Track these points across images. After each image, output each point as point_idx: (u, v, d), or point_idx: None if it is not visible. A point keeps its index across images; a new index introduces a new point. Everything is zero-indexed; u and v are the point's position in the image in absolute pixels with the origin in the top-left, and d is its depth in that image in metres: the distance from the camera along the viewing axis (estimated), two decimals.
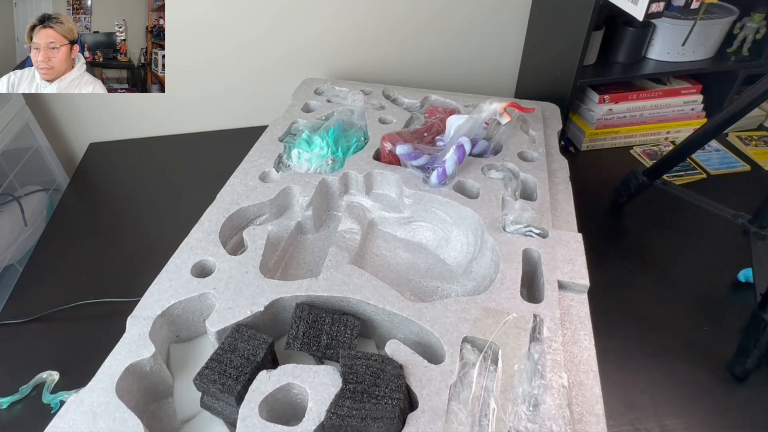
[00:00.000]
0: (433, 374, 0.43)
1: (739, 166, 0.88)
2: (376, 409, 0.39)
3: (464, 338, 0.45)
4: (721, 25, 0.85)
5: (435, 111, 0.79)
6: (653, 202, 0.79)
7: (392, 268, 0.61)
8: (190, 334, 0.52)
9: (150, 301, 0.49)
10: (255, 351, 0.44)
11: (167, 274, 0.52)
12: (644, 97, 0.93)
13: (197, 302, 0.50)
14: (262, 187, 0.64)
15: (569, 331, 0.48)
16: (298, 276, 0.60)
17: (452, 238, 0.63)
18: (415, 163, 0.65)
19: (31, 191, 0.87)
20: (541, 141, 0.73)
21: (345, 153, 0.70)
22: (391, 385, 0.41)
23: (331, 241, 0.61)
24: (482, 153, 0.70)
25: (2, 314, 0.65)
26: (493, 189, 0.63)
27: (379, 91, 0.86)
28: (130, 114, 1.01)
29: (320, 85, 0.88)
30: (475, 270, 0.58)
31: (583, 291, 0.52)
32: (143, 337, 0.46)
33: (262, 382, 0.42)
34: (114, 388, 0.42)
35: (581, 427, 0.41)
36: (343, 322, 0.48)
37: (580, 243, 0.55)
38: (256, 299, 0.49)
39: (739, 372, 0.56)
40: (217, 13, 0.91)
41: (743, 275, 0.67)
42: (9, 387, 0.56)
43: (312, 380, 0.42)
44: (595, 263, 0.55)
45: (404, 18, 0.97)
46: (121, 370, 0.43)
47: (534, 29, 0.99)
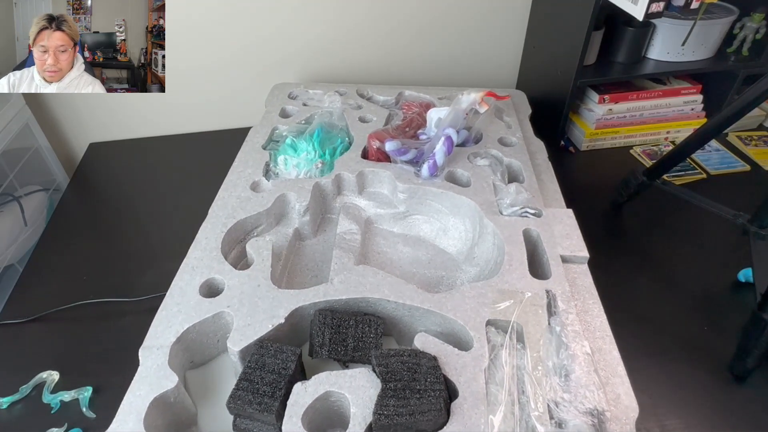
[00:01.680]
0: (466, 361, 0.44)
1: (739, 166, 0.88)
2: (421, 403, 0.40)
3: (487, 321, 0.47)
4: (721, 25, 0.85)
5: (411, 106, 0.80)
6: (653, 202, 0.79)
7: (395, 264, 0.62)
8: (204, 358, 0.51)
9: (160, 329, 0.47)
10: (285, 365, 0.43)
11: (172, 299, 0.50)
12: (644, 97, 0.93)
13: (212, 323, 0.49)
14: (255, 197, 0.63)
15: (579, 301, 0.51)
16: (304, 282, 0.59)
17: (449, 227, 0.64)
18: (405, 159, 0.66)
19: (31, 191, 0.87)
20: (517, 127, 0.77)
21: (332, 155, 0.70)
22: (430, 377, 0.42)
23: (331, 245, 0.61)
24: (464, 142, 0.72)
25: (2, 314, 0.65)
26: (483, 176, 0.65)
27: (353, 90, 0.86)
28: (130, 114, 1.01)
29: (293, 89, 0.88)
30: (478, 255, 0.60)
31: (583, 262, 0.55)
32: (163, 367, 0.43)
33: (299, 395, 0.41)
34: (142, 427, 0.40)
35: (610, 389, 0.44)
36: (367, 322, 0.48)
37: (573, 218, 0.59)
38: (275, 311, 0.48)
39: (739, 372, 0.56)
40: (220, 12, 0.91)
41: (743, 275, 0.67)
42: (9, 387, 0.56)
43: (350, 385, 0.42)
44: (594, 263, 0.55)
45: (405, 17, 0.97)
46: (146, 405, 0.41)
47: (534, 29, 0.99)
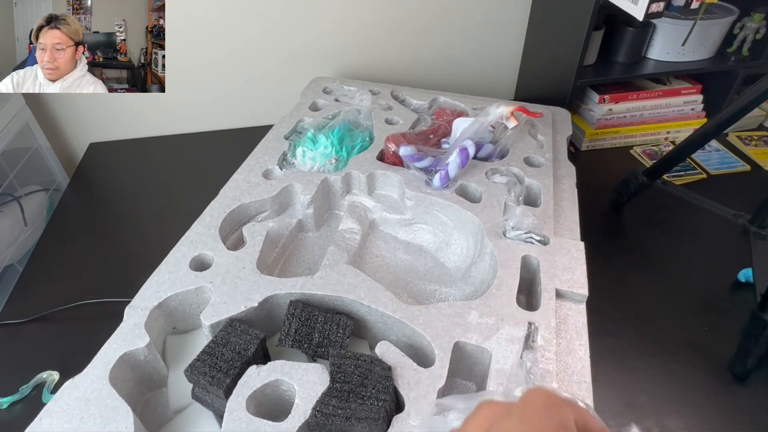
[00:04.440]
0: (422, 377, 0.42)
1: (739, 166, 0.88)
2: (362, 409, 0.39)
3: (455, 343, 0.45)
4: (721, 25, 0.85)
5: (443, 113, 0.78)
6: (653, 202, 0.79)
7: (391, 270, 0.61)
8: (187, 327, 0.53)
9: (148, 293, 0.50)
10: (246, 346, 0.45)
11: (167, 267, 0.53)
12: (644, 97, 0.93)
13: (194, 295, 0.51)
14: (264, 184, 0.64)
15: (564, 340, 0.48)
16: (297, 273, 0.60)
17: (452, 241, 0.63)
18: (419, 165, 0.64)
19: (31, 191, 0.87)
20: (549, 146, 0.72)
21: (349, 153, 0.70)
22: (379, 386, 0.41)
23: (331, 240, 0.61)
24: (488, 157, 0.69)
25: (2, 314, 0.65)
26: (496, 194, 0.62)
27: (387, 91, 0.85)
28: (130, 114, 1.01)
29: (329, 84, 0.88)
30: (474, 275, 0.58)
31: (581, 301, 0.51)
32: (139, 327, 0.46)
33: (251, 377, 0.42)
34: (108, 376, 0.43)
35: None
36: (336, 321, 0.48)
37: (582, 252, 0.54)
38: (251, 295, 0.49)
39: (739, 372, 0.56)
40: (220, 13, 0.91)
41: (743, 275, 0.67)
42: (9, 387, 0.56)
43: (300, 377, 0.42)
44: (594, 263, 0.55)
45: (405, 17, 0.97)
46: (115, 358, 0.44)
47: (534, 29, 0.99)
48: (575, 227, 0.60)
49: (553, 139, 0.74)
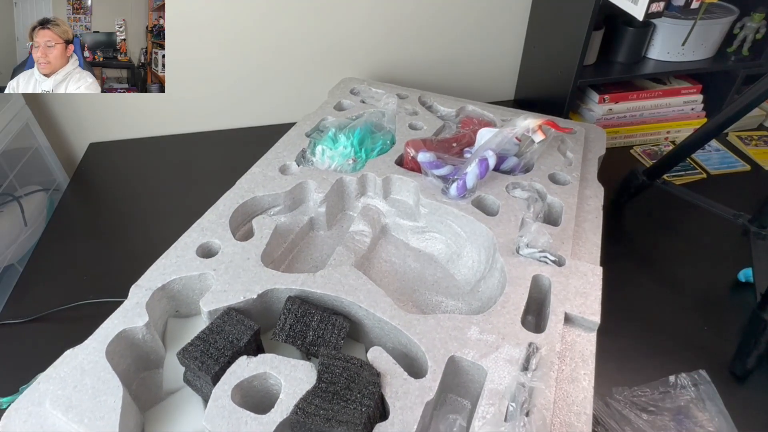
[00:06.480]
0: (410, 388, 0.41)
1: (739, 166, 0.88)
2: (344, 412, 0.39)
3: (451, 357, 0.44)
4: (721, 25, 0.85)
5: (470, 122, 0.76)
6: (653, 202, 0.79)
7: (398, 276, 0.60)
8: (189, 311, 0.54)
9: (155, 274, 0.51)
10: (240, 336, 0.45)
11: (175, 250, 0.54)
12: (644, 97, 0.93)
13: (197, 281, 0.52)
14: (280, 178, 0.64)
15: (568, 367, 0.45)
16: (303, 270, 0.59)
17: (464, 253, 0.61)
18: (437, 173, 0.62)
19: (31, 191, 0.87)
20: (578, 164, 0.67)
21: (368, 154, 0.70)
22: (365, 391, 0.40)
23: (341, 241, 0.60)
24: (511, 170, 0.66)
25: (2, 314, 0.65)
26: (515, 208, 0.59)
27: (415, 96, 0.83)
28: (130, 114, 1.01)
29: (357, 85, 0.87)
30: (482, 290, 0.56)
31: (592, 328, 0.48)
32: (140, 306, 0.47)
33: (240, 367, 0.43)
34: (105, 349, 0.44)
35: None
36: (332, 321, 0.48)
37: (599, 277, 0.51)
38: (251, 286, 0.50)
39: (739, 372, 0.56)
40: (220, 12, 0.91)
41: (743, 275, 0.67)
42: (9, 387, 0.55)
43: (288, 373, 0.42)
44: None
45: (406, 17, 0.97)
46: (113, 333, 0.45)
47: (534, 29, 0.99)
48: (596, 251, 0.56)
49: (584, 157, 0.70)
